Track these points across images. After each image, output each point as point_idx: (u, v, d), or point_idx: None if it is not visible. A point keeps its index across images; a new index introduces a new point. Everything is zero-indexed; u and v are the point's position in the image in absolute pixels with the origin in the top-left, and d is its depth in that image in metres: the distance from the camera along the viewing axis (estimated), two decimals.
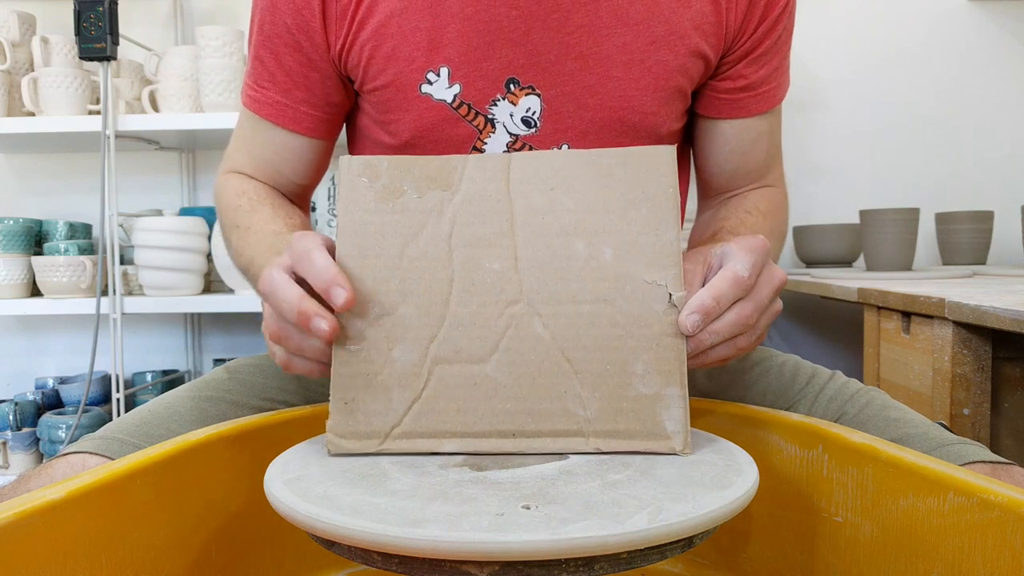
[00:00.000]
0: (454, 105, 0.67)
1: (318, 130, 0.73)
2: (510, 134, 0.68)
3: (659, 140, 0.70)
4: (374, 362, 0.48)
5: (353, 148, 0.79)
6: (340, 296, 0.45)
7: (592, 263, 0.48)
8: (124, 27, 1.58)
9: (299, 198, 0.80)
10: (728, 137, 0.74)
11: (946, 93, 1.84)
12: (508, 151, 0.68)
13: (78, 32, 1.51)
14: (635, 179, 0.48)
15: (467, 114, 0.67)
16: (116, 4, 1.53)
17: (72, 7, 1.51)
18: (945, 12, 1.83)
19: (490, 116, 0.67)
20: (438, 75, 0.66)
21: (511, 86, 0.66)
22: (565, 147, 0.68)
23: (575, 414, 0.47)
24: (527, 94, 0.66)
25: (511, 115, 0.67)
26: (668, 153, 0.49)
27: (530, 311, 0.48)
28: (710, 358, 0.50)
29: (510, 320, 0.48)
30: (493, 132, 0.68)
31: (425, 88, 0.66)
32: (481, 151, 0.68)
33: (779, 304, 0.52)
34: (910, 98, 1.85)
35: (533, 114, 0.67)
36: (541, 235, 0.48)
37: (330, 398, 0.47)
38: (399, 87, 0.67)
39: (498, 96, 0.66)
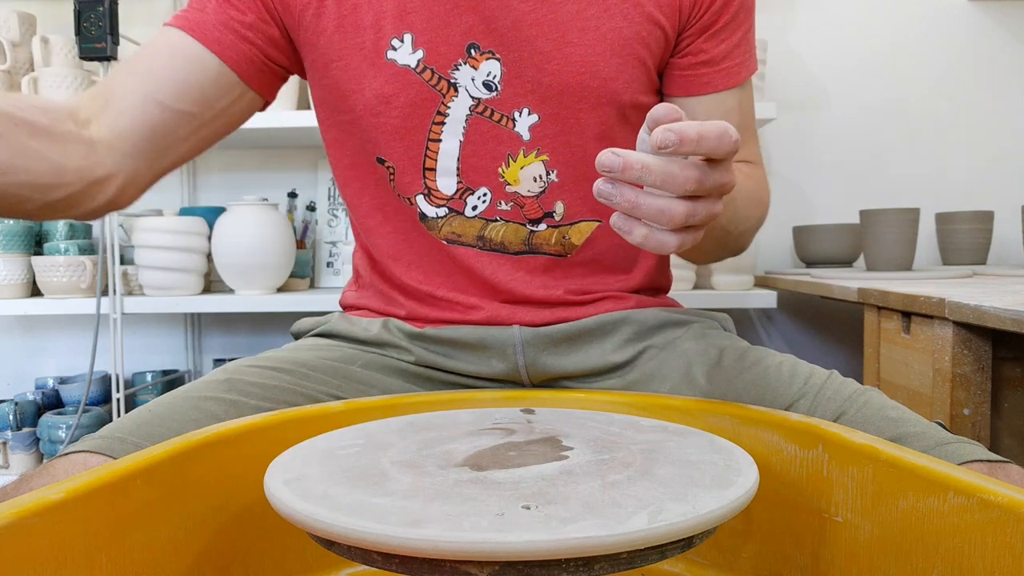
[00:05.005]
0: (418, 70, 0.70)
1: (234, 60, 0.69)
2: (472, 97, 0.71)
3: (621, 109, 0.72)
4: None
5: (330, 151, 0.79)
6: None
7: None
8: (124, 27, 1.58)
9: (129, 135, 0.67)
10: (696, 114, 0.75)
11: (946, 93, 1.84)
12: (471, 114, 0.71)
13: (78, 32, 1.51)
14: None
15: (431, 79, 0.70)
16: (116, 4, 1.53)
17: (72, 7, 1.50)
18: (945, 12, 1.83)
19: (453, 80, 0.70)
20: (402, 41, 0.69)
21: (472, 51, 0.70)
22: (526, 111, 0.71)
23: None
24: (487, 59, 0.70)
25: (472, 79, 0.70)
26: None
27: None
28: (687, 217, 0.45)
29: None
30: (456, 96, 0.71)
31: (390, 54, 0.70)
32: (445, 115, 0.71)
33: (719, 206, 0.48)
34: (910, 98, 1.85)
35: (494, 78, 0.70)
36: None
37: None
38: (366, 55, 0.70)
39: (460, 61, 0.70)
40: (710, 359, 0.71)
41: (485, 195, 0.72)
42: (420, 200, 0.74)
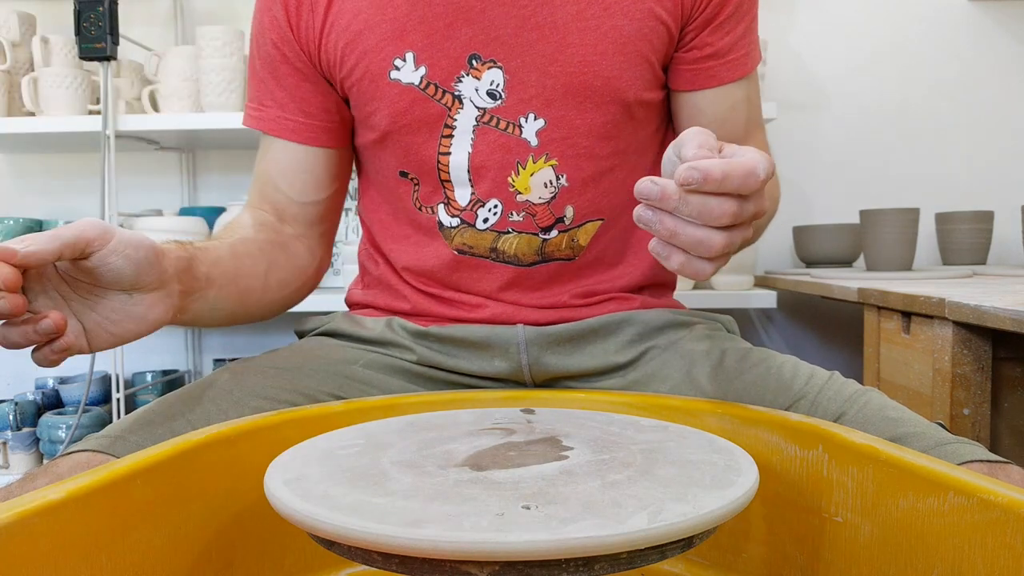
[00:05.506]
0: (422, 87, 0.70)
1: (318, 139, 0.77)
2: (477, 108, 0.71)
3: (626, 106, 0.72)
4: None
5: (359, 169, 0.84)
6: None
7: None
8: (124, 27, 1.58)
9: (307, 223, 0.81)
10: (703, 108, 0.76)
11: (946, 93, 1.84)
12: (478, 124, 0.71)
13: (78, 32, 1.51)
14: None
15: (435, 93, 0.71)
16: (116, 4, 1.53)
17: (72, 7, 1.50)
18: (945, 12, 1.83)
19: (457, 93, 0.71)
20: (404, 60, 0.70)
21: (473, 62, 0.70)
22: (532, 116, 0.71)
23: None
24: (489, 68, 0.70)
25: (476, 89, 0.70)
26: None
27: None
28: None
29: None
30: (461, 108, 0.71)
31: (394, 75, 0.71)
32: (452, 127, 0.71)
33: (750, 231, 0.50)
34: (910, 98, 1.85)
35: (497, 86, 0.70)
36: None
37: None
38: (372, 78, 0.71)
39: (462, 73, 0.70)
40: (712, 360, 0.71)
41: (496, 207, 0.73)
42: (440, 209, 0.75)
